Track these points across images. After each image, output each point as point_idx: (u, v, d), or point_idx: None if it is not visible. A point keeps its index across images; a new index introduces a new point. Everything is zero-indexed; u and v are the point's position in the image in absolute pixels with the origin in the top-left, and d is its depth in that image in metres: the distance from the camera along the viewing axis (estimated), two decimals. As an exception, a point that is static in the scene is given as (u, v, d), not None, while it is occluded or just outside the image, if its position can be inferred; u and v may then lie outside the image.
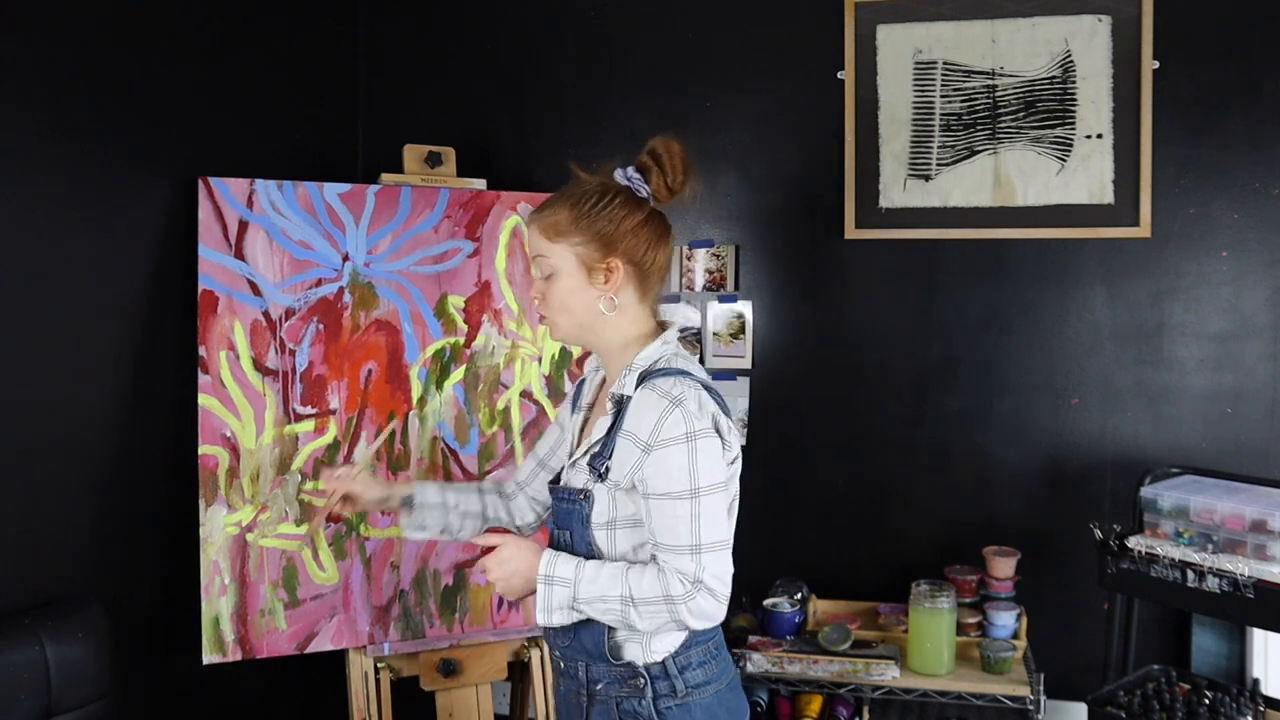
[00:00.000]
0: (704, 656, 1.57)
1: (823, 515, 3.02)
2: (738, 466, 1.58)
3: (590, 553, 1.58)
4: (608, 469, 1.53)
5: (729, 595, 1.49)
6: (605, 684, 1.58)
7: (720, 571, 1.48)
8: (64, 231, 2.12)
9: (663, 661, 1.55)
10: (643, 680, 1.55)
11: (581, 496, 1.57)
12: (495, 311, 2.62)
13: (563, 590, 1.52)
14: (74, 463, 2.17)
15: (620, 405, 1.55)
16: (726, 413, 1.57)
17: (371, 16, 3.16)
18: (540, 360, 2.65)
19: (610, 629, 1.55)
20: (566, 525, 1.60)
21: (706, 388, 1.54)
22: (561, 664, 1.65)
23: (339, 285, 2.46)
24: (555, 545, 1.62)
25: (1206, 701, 2.33)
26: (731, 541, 1.56)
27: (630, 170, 1.60)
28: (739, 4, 3.01)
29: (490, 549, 1.61)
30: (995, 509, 2.91)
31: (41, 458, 2.08)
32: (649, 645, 1.56)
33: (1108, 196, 2.78)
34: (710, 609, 1.47)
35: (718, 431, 1.51)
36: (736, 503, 1.60)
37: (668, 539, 1.48)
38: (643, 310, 1.62)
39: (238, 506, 2.35)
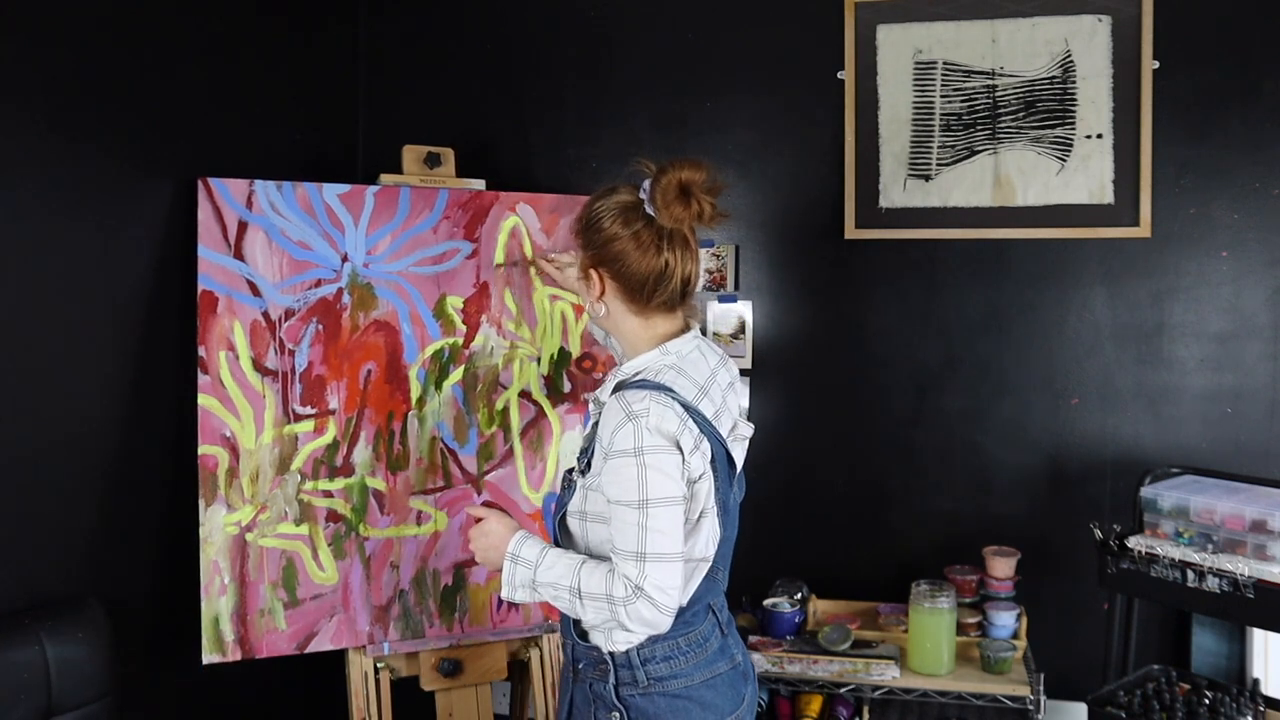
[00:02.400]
0: (670, 652, 1.61)
1: (823, 515, 3.02)
2: (706, 484, 1.58)
3: (559, 536, 1.68)
4: (589, 464, 1.62)
5: (674, 607, 1.51)
6: (584, 664, 1.66)
7: (664, 582, 1.49)
8: (64, 231, 2.12)
9: (626, 651, 1.61)
10: (607, 665, 1.62)
11: (566, 483, 1.68)
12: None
13: (524, 571, 1.61)
14: (74, 462, 2.17)
15: (601, 408, 1.63)
16: (709, 431, 1.58)
17: (371, 16, 3.16)
18: (539, 361, 2.65)
19: None
20: (559, 507, 1.71)
21: (687, 406, 1.55)
22: (562, 640, 1.73)
23: (338, 286, 2.46)
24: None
25: (1206, 701, 2.33)
26: (704, 555, 1.62)
27: (645, 184, 1.61)
28: (739, 4, 3.01)
29: (479, 521, 1.72)
30: (995, 509, 2.91)
31: (41, 458, 2.08)
32: (610, 634, 1.62)
33: (1108, 196, 2.78)
34: (650, 616, 1.50)
35: (679, 448, 1.53)
36: (710, 517, 1.61)
37: (619, 543, 1.53)
38: (644, 320, 1.66)
39: (237, 506, 2.35)
